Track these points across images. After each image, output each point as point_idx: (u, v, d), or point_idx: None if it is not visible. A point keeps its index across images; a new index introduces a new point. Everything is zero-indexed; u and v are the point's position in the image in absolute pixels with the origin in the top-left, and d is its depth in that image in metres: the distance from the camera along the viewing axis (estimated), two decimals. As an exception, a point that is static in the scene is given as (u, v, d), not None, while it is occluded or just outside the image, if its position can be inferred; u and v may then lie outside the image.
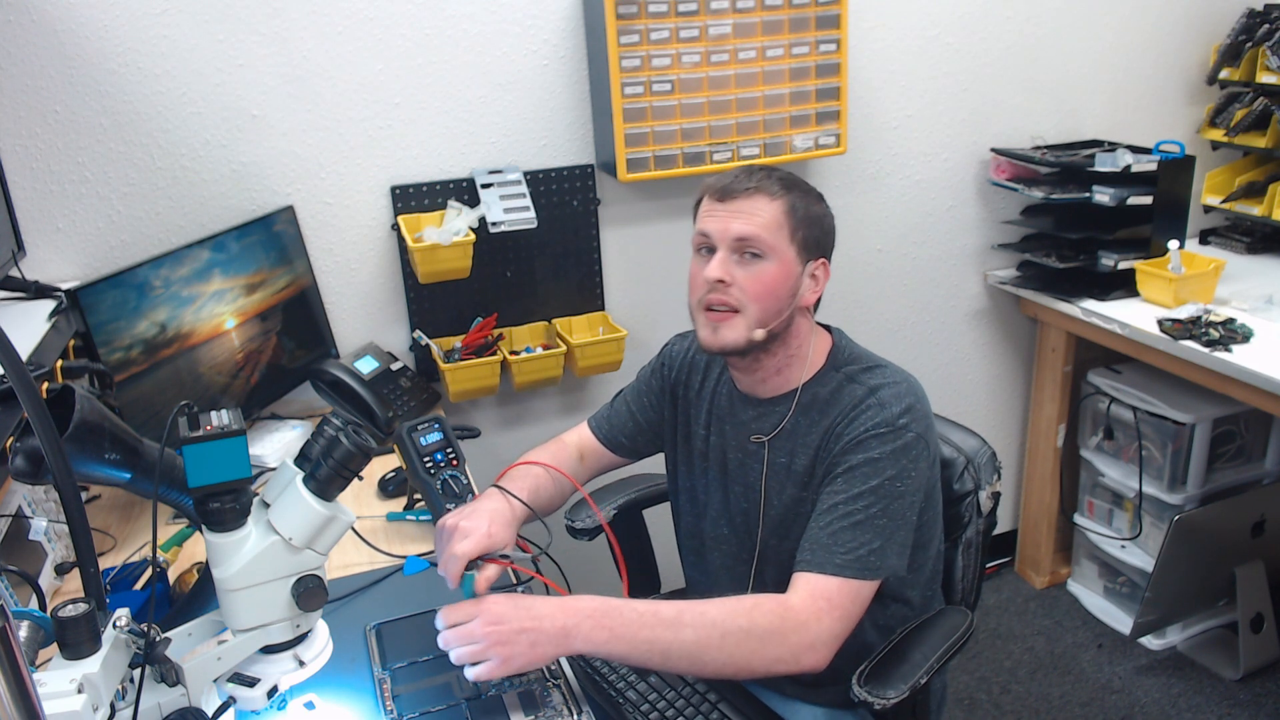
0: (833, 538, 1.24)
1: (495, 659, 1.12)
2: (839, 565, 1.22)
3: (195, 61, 1.85)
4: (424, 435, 1.65)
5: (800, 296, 1.34)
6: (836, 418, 1.32)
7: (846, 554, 1.23)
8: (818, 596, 1.21)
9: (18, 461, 0.94)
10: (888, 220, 2.51)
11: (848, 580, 1.22)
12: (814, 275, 1.35)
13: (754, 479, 1.41)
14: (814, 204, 1.36)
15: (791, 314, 1.34)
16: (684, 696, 1.40)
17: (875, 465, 1.26)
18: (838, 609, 1.22)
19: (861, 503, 1.25)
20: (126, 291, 1.62)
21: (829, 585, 1.22)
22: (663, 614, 1.17)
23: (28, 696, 0.68)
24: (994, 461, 1.53)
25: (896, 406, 1.29)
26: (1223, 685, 2.42)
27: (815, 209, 1.35)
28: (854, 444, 1.28)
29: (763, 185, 1.32)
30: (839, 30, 2.15)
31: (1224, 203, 2.62)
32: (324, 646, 1.10)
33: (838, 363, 1.38)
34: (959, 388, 2.74)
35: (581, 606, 1.16)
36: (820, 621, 1.20)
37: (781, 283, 1.31)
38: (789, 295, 1.32)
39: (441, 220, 2.03)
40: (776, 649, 1.18)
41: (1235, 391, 2.08)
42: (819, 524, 1.27)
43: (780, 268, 1.31)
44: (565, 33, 2.08)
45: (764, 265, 1.31)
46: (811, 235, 1.34)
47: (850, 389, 1.34)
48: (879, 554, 1.24)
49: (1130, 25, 2.59)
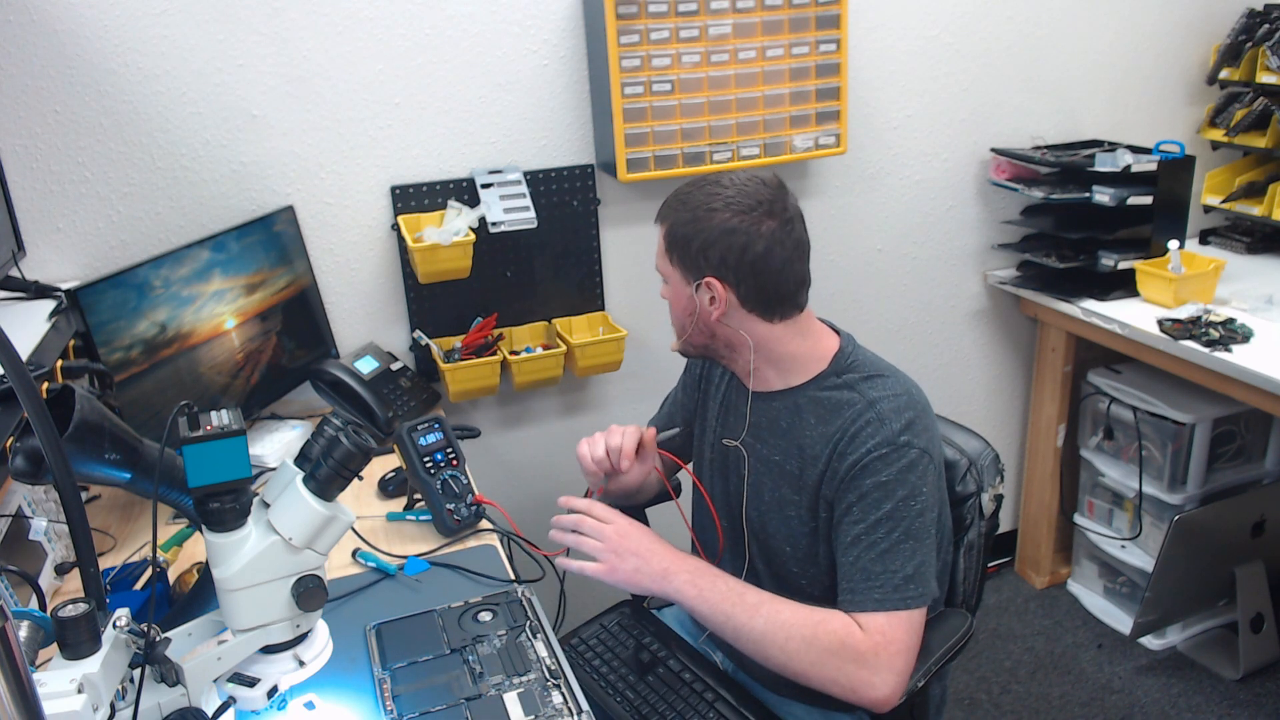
0: (864, 572, 1.25)
1: (604, 564, 1.32)
2: (878, 600, 1.24)
3: (195, 61, 1.85)
4: (424, 435, 1.66)
5: (700, 314, 1.35)
6: (838, 433, 1.32)
7: (883, 587, 1.24)
8: (873, 632, 1.23)
9: (18, 461, 0.94)
10: (888, 220, 2.51)
11: (893, 613, 1.23)
12: (709, 293, 1.33)
13: (743, 473, 1.44)
14: (698, 222, 1.31)
15: (707, 329, 1.37)
16: (684, 699, 1.41)
17: (885, 489, 1.27)
18: (894, 643, 1.22)
19: (882, 530, 1.26)
20: (126, 291, 1.62)
21: (876, 620, 1.23)
22: (747, 598, 1.28)
23: (28, 696, 0.68)
24: (997, 464, 1.53)
25: (896, 423, 1.29)
26: (1223, 685, 2.42)
27: (697, 227, 1.31)
28: (860, 468, 1.28)
29: (660, 212, 1.39)
30: (839, 30, 2.15)
31: (1224, 203, 2.63)
32: (324, 646, 1.10)
33: (840, 368, 1.37)
34: (959, 388, 2.74)
35: (686, 561, 1.32)
36: (878, 657, 1.21)
37: (676, 303, 1.40)
38: (687, 314, 1.38)
39: (441, 220, 2.03)
40: (833, 670, 1.22)
41: (1235, 391, 2.08)
42: (847, 559, 1.28)
43: (673, 290, 1.39)
44: (565, 33, 2.08)
45: (666, 289, 1.41)
46: (687, 255, 1.34)
47: (851, 399, 1.33)
48: (915, 580, 1.25)
49: (1130, 25, 2.59)
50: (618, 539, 1.33)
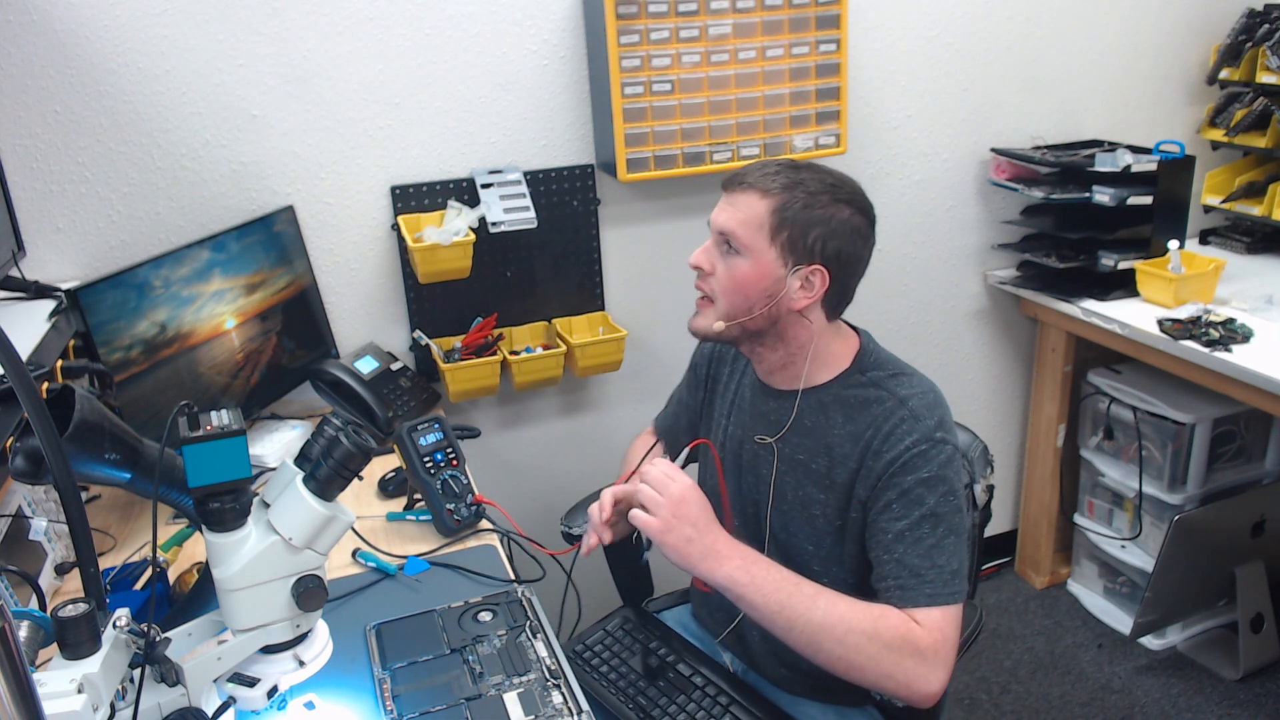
0: (912, 569, 1.24)
1: (659, 522, 1.25)
2: (930, 596, 1.23)
3: (195, 61, 1.85)
4: (424, 435, 1.65)
5: (782, 299, 1.30)
6: (870, 431, 1.30)
7: (933, 583, 1.23)
8: (931, 627, 1.22)
9: (18, 461, 0.94)
10: (888, 220, 2.51)
11: (946, 608, 1.23)
12: (806, 280, 1.30)
13: (765, 471, 1.42)
14: (821, 208, 1.28)
15: (774, 314, 1.32)
16: (696, 702, 1.39)
17: (927, 484, 1.26)
18: (949, 638, 1.22)
19: (926, 526, 1.25)
20: (126, 291, 1.62)
21: (932, 616, 1.22)
22: (803, 588, 1.23)
23: (28, 696, 0.68)
24: (986, 455, 1.53)
25: (930, 419, 1.29)
26: (1223, 685, 2.42)
27: (819, 213, 1.28)
28: (900, 466, 1.27)
29: (759, 182, 1.30)
30: (839, 30, 2.15)
31: (1224, 203, 2.63)
32: (324, 646, 1.10)
33: (864, 366, 1.37)
34: (959, 387, 2.73)
35: (740, 546, 1.26)
36: (938, 653, 1.20)
37: (754, 282, 1.31)
38: (763, 295, 1.30)
39: (441, 220, 2.03)
40: (890, 665, 1.19)
41: (1235, 391, 2.08)
42: (891, 556, 1.26)
43: (755, 267, 1.30)
44: (565, 33, 2.08)
45: (738, 261, 1.31)
46: (802, 239, 1.28)
47: (879, 397, 1.32)
48: (959, 575, 1.25)
49: (1130, 25, 2.59)
50: (677, 504, 1.25)
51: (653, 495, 1.26)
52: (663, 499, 1.25)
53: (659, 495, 1.26)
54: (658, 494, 1.26)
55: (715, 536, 1.25)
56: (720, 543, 1.25)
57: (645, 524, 1.26)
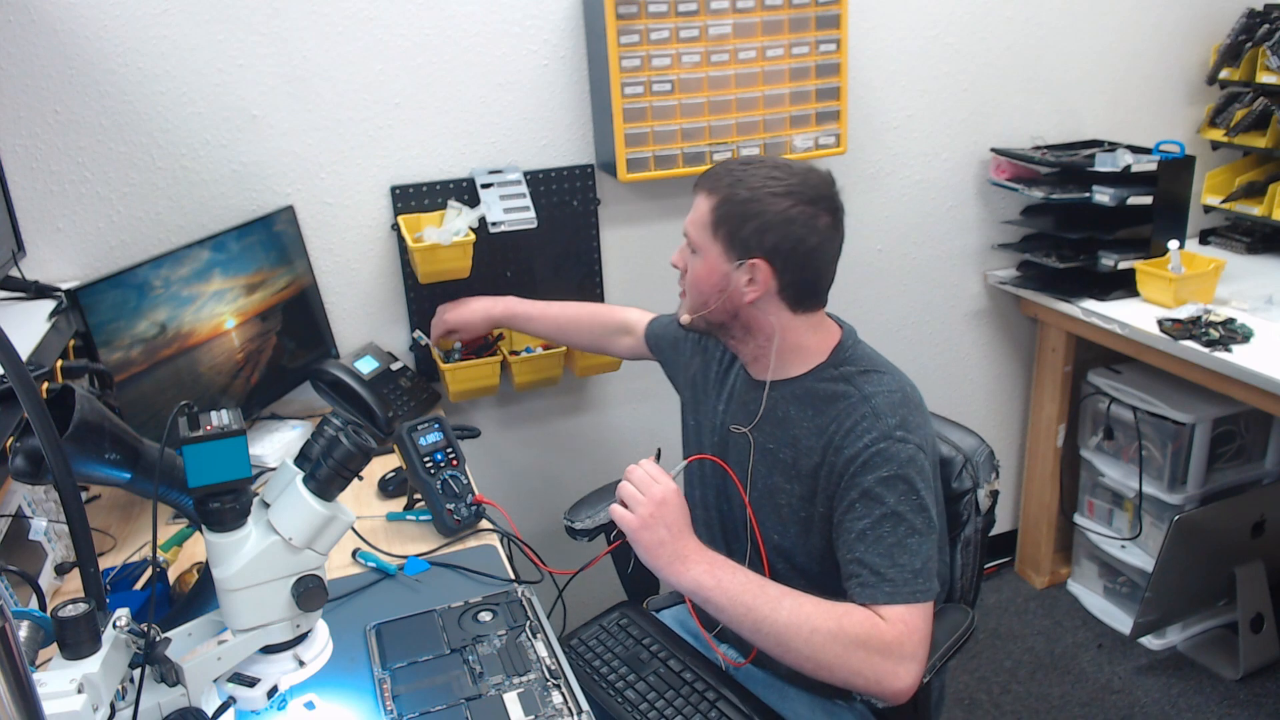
0: (873, 568, 1.25)
1: (636, 519, 1.28)
2: (889, 594, 1.23)
3: (195, 61, 1.85)
4: (424, 435, 1.66)
5: (732, 293, 1.35)
6: (833, 426, 1.32)
7: (894, 581, 1.24)
8: (895, 621, 1.22)
9: (18, 461, 0.94)
10: (888, 220, 2.51)
11: (911, 605, 1.23)
12: (751, 274, 1.33)
13: (744, 459, 1.44)
14: (757, 202, 1.31)
15: (730, 308, 1.37)
16: (684, 698, 1.41)
17: (887, 484, 1.27)
18: (915, 632, 1.22)
19: (887, 525, 1.26)
20: (126, 291, 1.62)
21: (896, 611, 1.23)
22: (768, 590, 1.25)
23: (28, 696, 0.68)
24: (992, 460, 1.53)
25: (892, 418, 1.30)
26: (1223, 685, 2.42)
27: (754, 207, 1.31)
28: (861, 465, 1.28)
29: (705, 182, 1.38)
30: (839, 30, 2.15)
31: (1224, 203, 2.63)
32: (324, 646, 1.10)
33: (838, 361, 1.38)
34: (959, 388, 2.73)
35: (706, 552, 1.29)
36: (904, 648, 1.21)
37: (705, 278, 1.37)
38: (715, 290, 1.36)
39: (441, 220, 2.03)
40: (858, 662, 1.20)
41: (1235, 391, 2.08)
42: (854, 554, 1.27)
43: (705, 263, 1.37)
44: (565, 33, 2.08)
45: (695, 259, 1.39)
46: (738, 233, 1.32)
47: (846, 392, 1.34)
48: (923, 574, 1.25)
49: (1130, 25, 2.59)
50: (655, 506, 1.28)
51: (634, 493, 1.29)
52: (644, 497, 1.28)
53: (641, 494, 1.29)
54: (640, 492, 1.29)
55: (686, 543, 1.28)
56: (690, 549, 1.28)
57: (622, 519, 1.29)
